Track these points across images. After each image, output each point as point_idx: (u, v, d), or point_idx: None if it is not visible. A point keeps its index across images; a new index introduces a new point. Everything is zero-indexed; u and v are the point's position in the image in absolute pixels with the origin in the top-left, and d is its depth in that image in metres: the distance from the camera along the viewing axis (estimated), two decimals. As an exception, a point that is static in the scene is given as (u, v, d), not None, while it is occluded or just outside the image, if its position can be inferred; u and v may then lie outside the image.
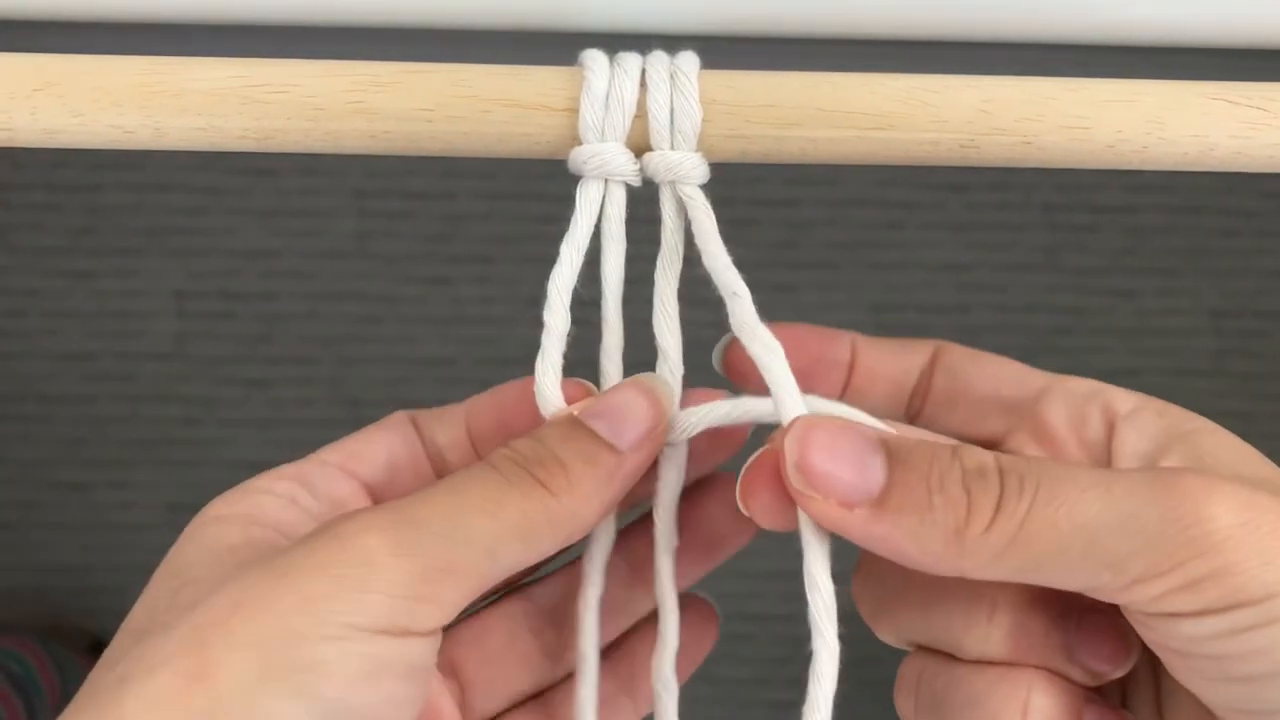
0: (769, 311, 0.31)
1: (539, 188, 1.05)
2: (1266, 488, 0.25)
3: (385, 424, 0.31)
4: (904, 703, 0.29)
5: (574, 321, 0.31)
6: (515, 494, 0.26)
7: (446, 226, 1.09)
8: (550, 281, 0.30)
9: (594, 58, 0.31)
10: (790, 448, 0.26)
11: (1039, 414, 0.30)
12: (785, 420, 0.27)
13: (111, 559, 1.06)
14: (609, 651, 0.32)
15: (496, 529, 0.26)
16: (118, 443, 1.07)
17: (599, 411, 0.28)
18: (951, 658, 0.28)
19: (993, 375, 0.31)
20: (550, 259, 0.31)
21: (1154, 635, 0.25)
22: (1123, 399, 0.29)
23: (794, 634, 0.30)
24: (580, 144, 0.30)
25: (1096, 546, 0.24)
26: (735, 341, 0.30)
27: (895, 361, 0.31)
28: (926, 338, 0.32)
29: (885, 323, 1.10)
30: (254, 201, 1.08)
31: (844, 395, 0.32)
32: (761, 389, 0.29)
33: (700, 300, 0.34)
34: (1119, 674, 0.28)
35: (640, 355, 0.31)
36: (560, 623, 0.32)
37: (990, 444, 0.30)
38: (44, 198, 1.07)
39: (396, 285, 1.09)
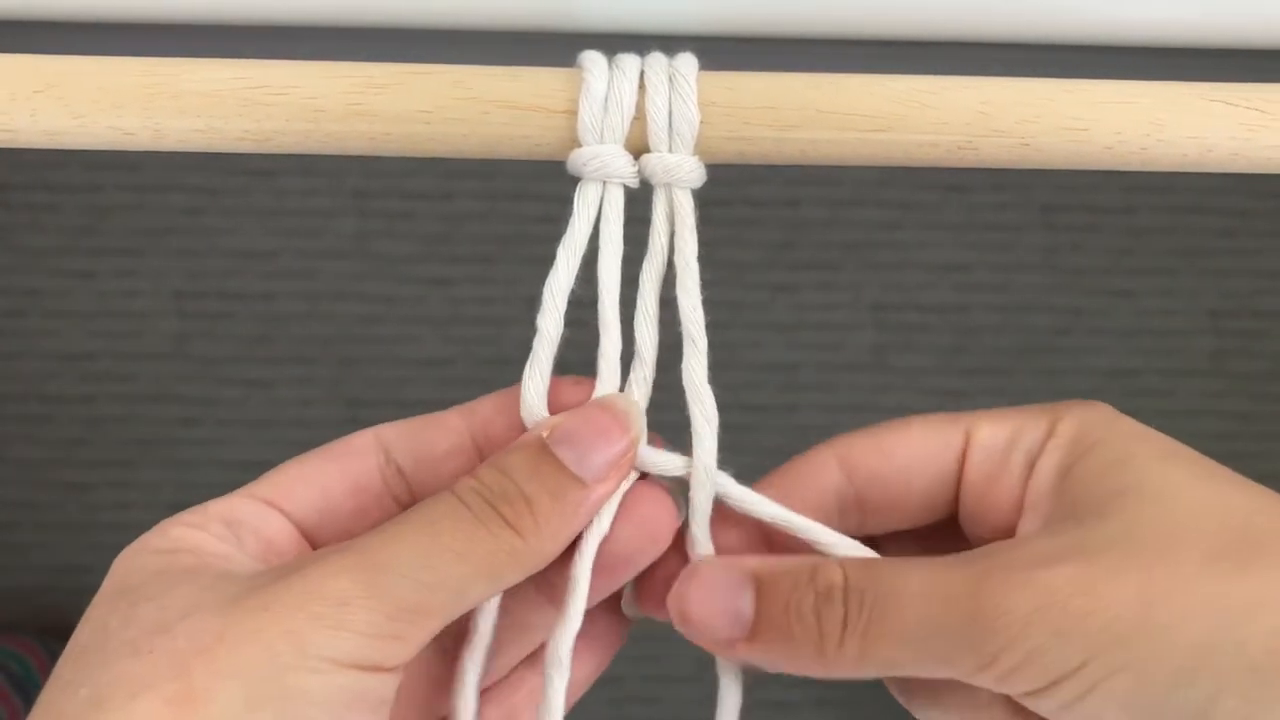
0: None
1: (538, 188, 1.05)
2: (1181, 466, 0.28)
3: (343, 448, 0.31)
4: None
5: (573, 323, 0.31)
6: (484, 534, 0.27)
7: (446, 226, 1.08)
8: (546, 285, 0.30)
9: (593, 59, 0.31)
10: (672, 603, 0.29)
11: (963, 493, 0.31)
12: (705, 500, 0.30)
13: (111, 559, 1.05)
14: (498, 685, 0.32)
15: (465, 572, 0.26)
16: (118, 443, 1.06)
17: (567, 436, 0.29)
18: None
19: (902, 469, 0.31)
20: (550, 259, 0.31)
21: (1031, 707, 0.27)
22: (1031, 432, 0.30)
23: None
24: (579, 146, 0.30)
25: (926, 651, 0.27)
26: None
27: (809, 490, 0.31)
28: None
29: (885, 322, 1.10)
30: (254, 202, 1.08)
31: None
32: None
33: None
34: None
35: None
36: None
37: (940, 528, 0.32)
38: (44, 198, 1.07)
39: (396, 285, 1.09)
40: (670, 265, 0.31)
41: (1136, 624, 0.26)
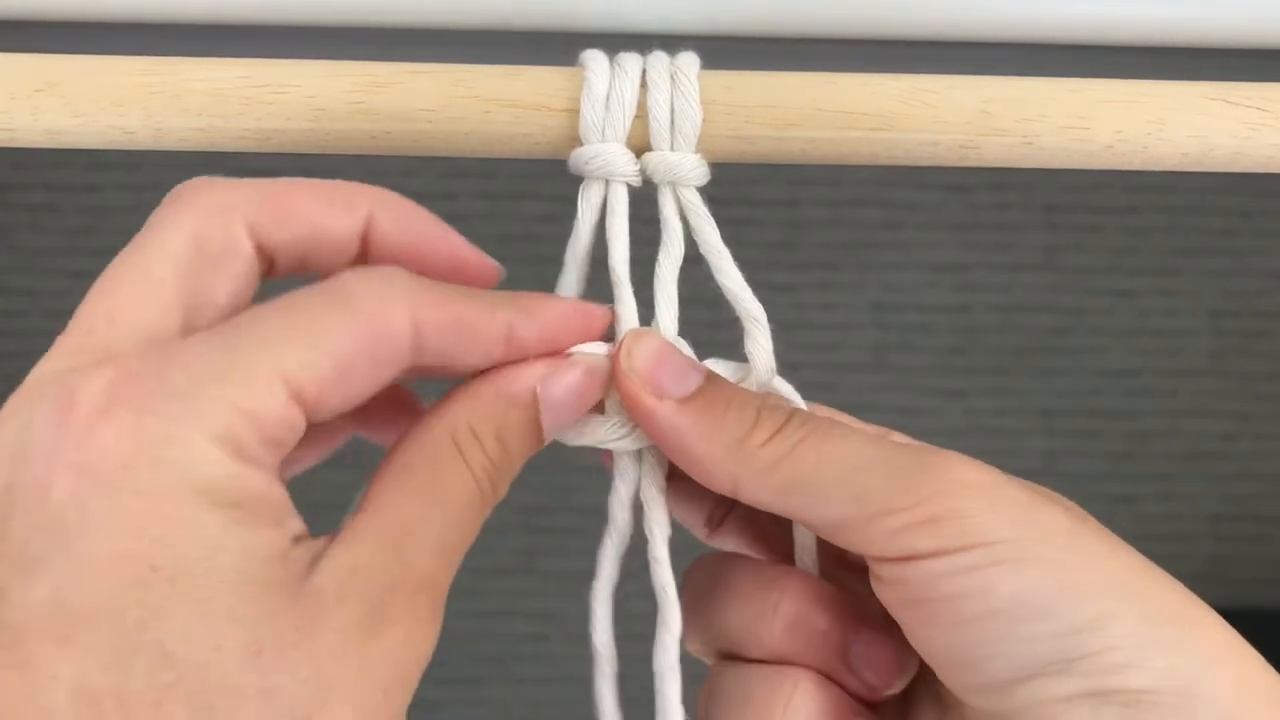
0: (769, 312, 0.31)
1: (540, 188, 1.05)
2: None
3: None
4: (701, 708, 0.31)
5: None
6: (482, 505, 0.27)
7: (446, 226, 1.09)
8: (556, 289, 0.31)
9: (594, 58, 0.31)
10: (628, 342, 0.29)
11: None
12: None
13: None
14: None
15: (459, 543, 0.27)
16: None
17: (555, 403, 0.28)
18: (741, 660, 0.30)
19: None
20: (550, 259, 0.31)
21: (892, 588, 0.27)
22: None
23: None
24: (581, 144, 0.30)
25: (850, 476, 0.27)
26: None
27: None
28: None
29: (885, 322, 1.10)
30: (254, 201, 1.08)
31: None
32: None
33: (700, 300, 0.34)
34: (892, 689, 0.30)
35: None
36: None
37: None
38: (44, 198, 1.07)
39: (396, 285, 1.09)
40: (690, 248, 0.31)
41: (1070, 542, 0.26)
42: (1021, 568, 0.26)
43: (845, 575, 0.31)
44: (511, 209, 1.07)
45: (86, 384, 0.24)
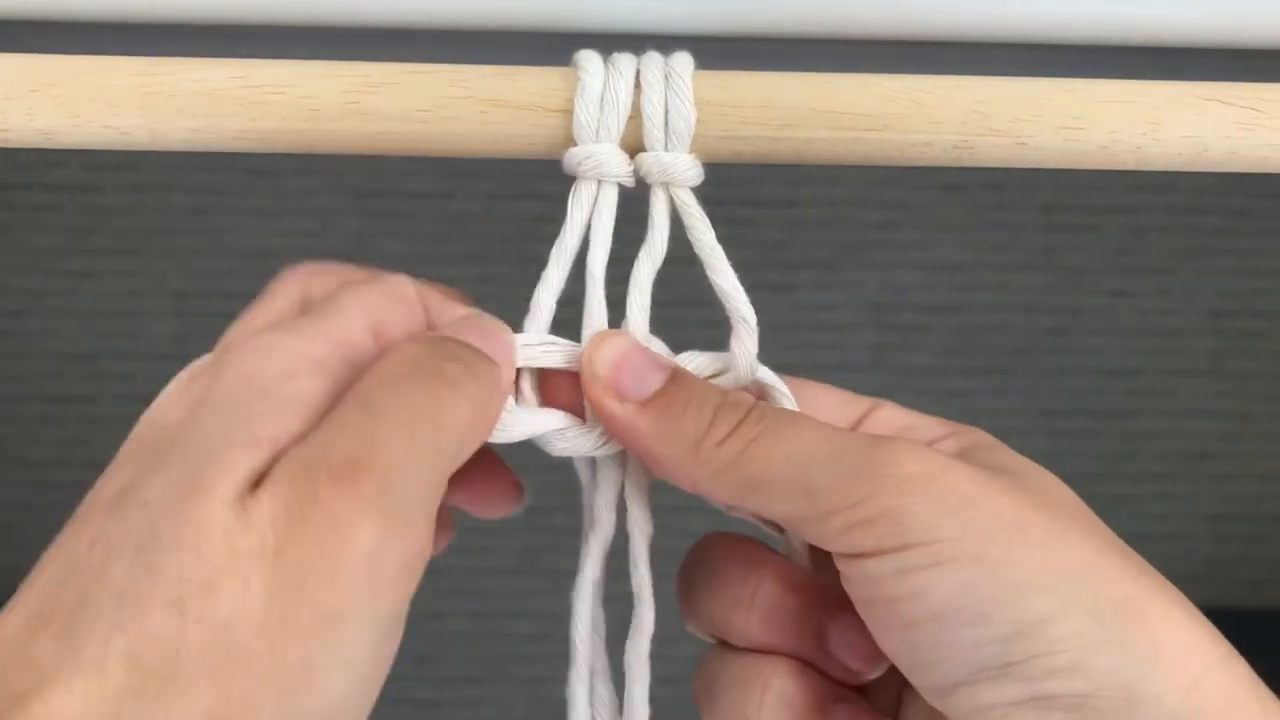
0: (767, 312, 0.31)
1: (539, 188, 1.05)
2: (1035, 490, 0.27)
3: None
4: (695, 689, 0.31)
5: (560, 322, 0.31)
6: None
7: (446, 226, 1.09)
8: (536, 291, 0.31)
9: (588, 58, 0.31)
10: (590, 347, 0.30)
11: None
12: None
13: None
14: None
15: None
16: (117, 442, 1.06)
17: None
18: (730, 646, 0.30)
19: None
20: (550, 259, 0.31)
21: (850, 584, 0.27)
22: (932, 426, 0.31)
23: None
24: (575, 145, 0.30)
25: (801, 474, 0.27)
26: (548, 372, 0.31)
27: None
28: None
29: (884, 322, 1.10)
30: (254, 201, 1.08)
31: None
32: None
33: (694, 300, 0.34)
34: (869, 674, 0.29)
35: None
36: None
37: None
38: (44, 198, 1.07)
39: (396, 285, 1.09)
40: (684, 249, 0.31)
41: (1014, 536, 0.25)
42: (959, 568, 0.25)
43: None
44: (511, 209, 1.07)
45: None
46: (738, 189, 1.02)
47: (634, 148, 0.31)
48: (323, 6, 0.37)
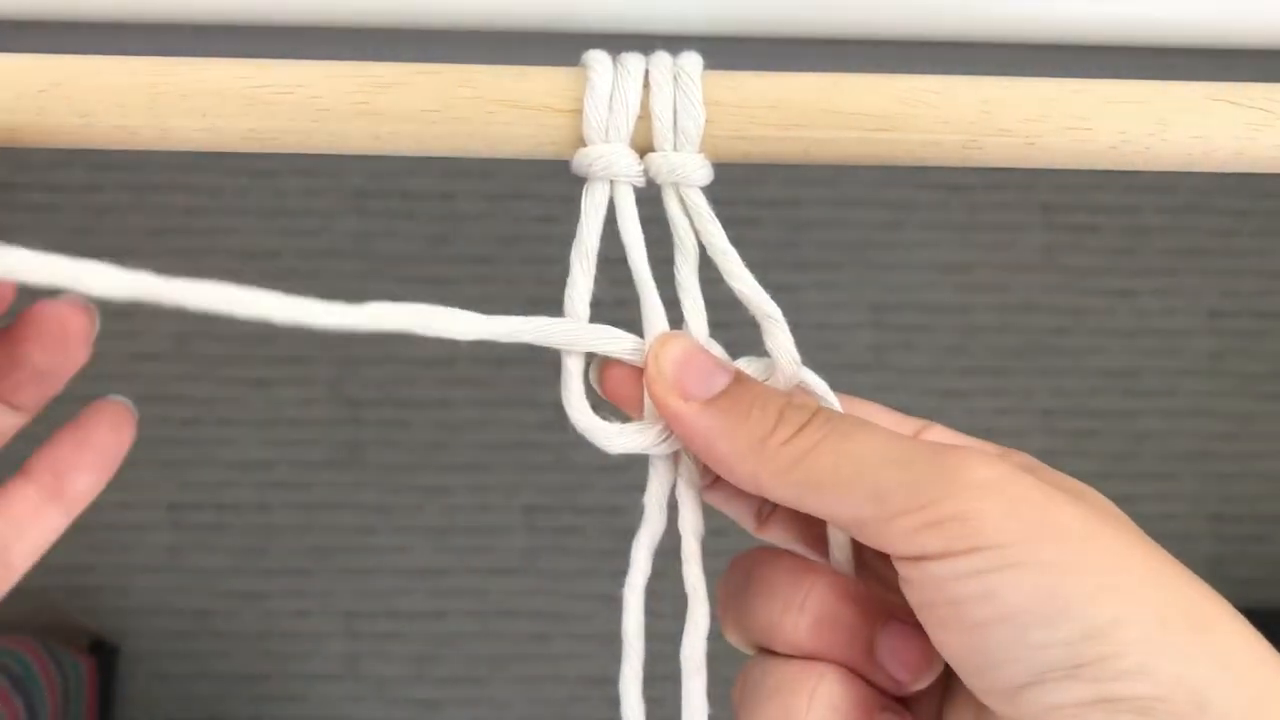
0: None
1: (539, 188, 1.05)
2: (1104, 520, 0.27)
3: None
4: (735, 698, 0.31)
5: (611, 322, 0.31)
6: None
7: (446, 226, 1.08)
8: (566, 295, 0.31)
9: (597, 58, 0.31)
10: (656, 347, 0.30)
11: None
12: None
13: (111, 559, 1.06)
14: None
15: None
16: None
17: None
18: (772, 653, 0.30)
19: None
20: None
21: (910, 588, 0.27)
22: (984, 447, 0.31)
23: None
24: (584, 145, 0.30)
25: (868, 475, 0.27)
26: (611, 364, 0.31)
27: None
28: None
29: (885, 322, 1.10)
30: (254, 201, 1.08)
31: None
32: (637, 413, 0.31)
33: (706, 301, 0.34)
34: (917, 685, 0.30)
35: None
36: None
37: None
38: (44, 198, 1.07)
39: (396, 285, 1.09)
40: (695, 261, 0.31)
41: (1083, 545, 0.26)
42: (1031, 572, 0.26)
43: (885, 569, 0.31)
44: (511, 209, 1.07)
45: None
46: (740, 188, 1.02)
47: (643, 148, 0.31)
48: (331, 7, 0.37)
